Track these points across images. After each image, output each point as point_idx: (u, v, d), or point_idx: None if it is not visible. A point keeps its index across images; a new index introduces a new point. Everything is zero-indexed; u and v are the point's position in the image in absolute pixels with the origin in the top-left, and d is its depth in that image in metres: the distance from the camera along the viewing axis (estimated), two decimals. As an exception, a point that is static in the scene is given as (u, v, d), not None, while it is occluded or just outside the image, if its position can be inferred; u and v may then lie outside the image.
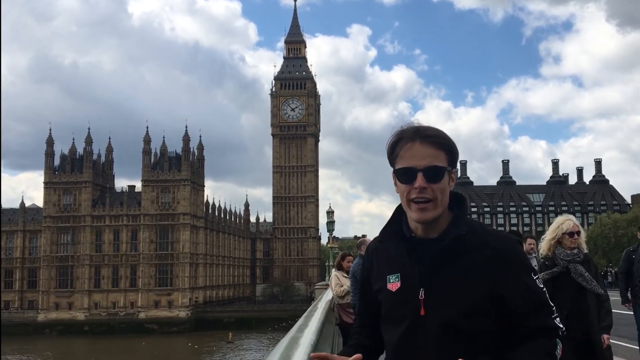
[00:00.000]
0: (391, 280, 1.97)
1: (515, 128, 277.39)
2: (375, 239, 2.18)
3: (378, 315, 2.05)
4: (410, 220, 1.96)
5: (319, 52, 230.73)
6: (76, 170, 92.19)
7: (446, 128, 1.99)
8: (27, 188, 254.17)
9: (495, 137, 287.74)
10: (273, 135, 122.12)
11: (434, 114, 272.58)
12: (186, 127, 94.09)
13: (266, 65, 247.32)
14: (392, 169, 1.98)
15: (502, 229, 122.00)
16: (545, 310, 1.89)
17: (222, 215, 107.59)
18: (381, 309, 2.03)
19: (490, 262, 1.87)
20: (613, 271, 54.13)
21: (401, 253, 1.98)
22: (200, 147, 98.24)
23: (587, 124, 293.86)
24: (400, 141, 1.93)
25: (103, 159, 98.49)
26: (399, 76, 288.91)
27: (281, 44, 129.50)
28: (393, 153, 1.95)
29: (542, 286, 1.92)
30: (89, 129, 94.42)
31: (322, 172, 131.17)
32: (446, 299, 1.86)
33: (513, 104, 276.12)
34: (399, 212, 2.02)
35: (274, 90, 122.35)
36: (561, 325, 1.90)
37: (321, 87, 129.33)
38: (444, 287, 1.88)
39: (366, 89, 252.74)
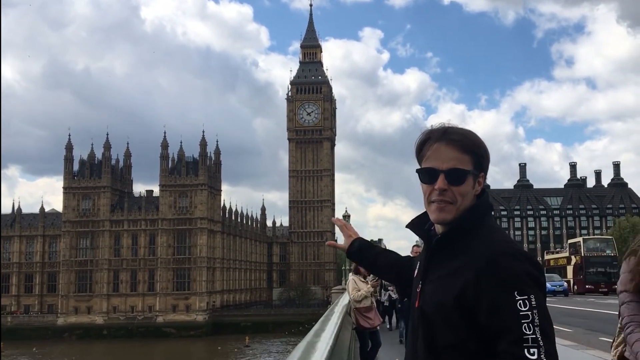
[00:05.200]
0: (415, 268, 2.10)
1: (530, 131, 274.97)
2: None
3: (407, 270, 2.32)
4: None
5: (331, 55, 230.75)
6: (95, 176, 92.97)
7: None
8: (45, 193, 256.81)
9: (510, 140, 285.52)
10: (289, 139, 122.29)
11: (447, 118, 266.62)
12: (203, 132, 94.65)
13: (279, 69, 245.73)
14: (418, 167, 2.05)
15: (520, 232, 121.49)
16: (512, 336, 1.64)
17: (238, 220, 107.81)
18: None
19: (464, 269, 1.78)
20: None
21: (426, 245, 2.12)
22: (217, 151, 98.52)
23: (602, 126, 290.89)
24: (427, 141, 1.93)
25: (121, 164, 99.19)
26: (412, 79, 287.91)
27: (293, 48, 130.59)
28: (420, 152, 1.96)
29: (524, 309, 1.66)
30: (107, 134, 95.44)
31: (337, 176, 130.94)
32: (427, 297, 1.89)
33: (527, 107, 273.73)
34: None
35: (290, 94, 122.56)
36: (534, 358, 1.60)
37: (335, 90, 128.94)
38: (429, 285, 1.91)
39: (379, 93, 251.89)
